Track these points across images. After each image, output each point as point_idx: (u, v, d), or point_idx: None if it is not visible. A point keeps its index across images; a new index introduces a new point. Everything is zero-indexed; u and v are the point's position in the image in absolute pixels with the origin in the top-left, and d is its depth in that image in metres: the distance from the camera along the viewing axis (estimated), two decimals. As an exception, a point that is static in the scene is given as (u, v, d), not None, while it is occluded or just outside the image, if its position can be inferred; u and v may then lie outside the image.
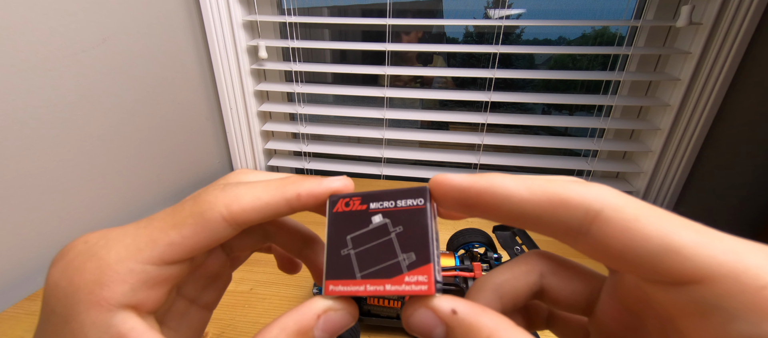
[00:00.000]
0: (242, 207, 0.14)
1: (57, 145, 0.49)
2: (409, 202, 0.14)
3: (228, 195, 0.14)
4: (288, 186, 0.15)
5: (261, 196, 0.14)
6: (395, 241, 0.14)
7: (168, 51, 0.67)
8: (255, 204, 0.14)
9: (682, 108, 0.68)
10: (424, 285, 0.13)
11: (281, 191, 0.14)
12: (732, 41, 0.60)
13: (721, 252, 0.09)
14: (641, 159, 0.77)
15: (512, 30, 0.81)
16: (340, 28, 0.92)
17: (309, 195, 0.15)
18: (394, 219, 0.14)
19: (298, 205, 0.15)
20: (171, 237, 0.13)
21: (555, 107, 0.90)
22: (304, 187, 0.15)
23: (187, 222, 0.14)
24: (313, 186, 0.15)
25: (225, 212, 0.14)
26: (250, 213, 0.14)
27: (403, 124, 0.91)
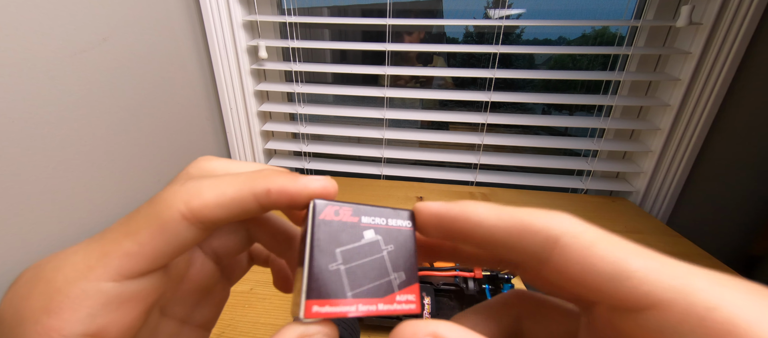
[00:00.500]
0: (204, 202, 0.12)
1: (57, 145, 0.49)
2: (398, 223, 0.14)
3: (187, 190, 0.12)
4: (257, 180, 0.13)
5: (226, 191, 0.12)
6: (387, 259, 0.13)
7: (168, 51, 0.67)
8: (219, 200, 0.12)
9: (682, 108, 0.68)
10: (412, 304, 0.13)
11: (249, 185, 0.12)
12: (732, 41, 0.60)
13: (669, 276, 0.09)
14: (641, 159, 0.77)
15: (512, 30, 0.81)
16: (340, 28, 0.92)
17: (280, 192, 0.13)
18: (386, 237, 0.14)
19: (268, 203, 0.13)
20: (125, 246, 0.12)
21: (555, 107, 0.90)
22: (276, 183, 0.13)
23: (142, 227, 0.12)
24: (287, 182, 0.13)
25: (184, 210, 0.12)
26: (214, 210, 0.12)
27: (403, 123, 0.91)
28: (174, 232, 0.12)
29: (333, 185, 0.14)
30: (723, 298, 0.08)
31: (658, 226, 0.65)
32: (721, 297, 0.08)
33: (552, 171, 0.86)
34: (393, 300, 0.13)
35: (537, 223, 0.11)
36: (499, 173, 0.84)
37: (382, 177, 0.87)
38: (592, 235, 0.10)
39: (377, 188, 0.78)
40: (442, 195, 0.75)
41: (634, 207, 0.74)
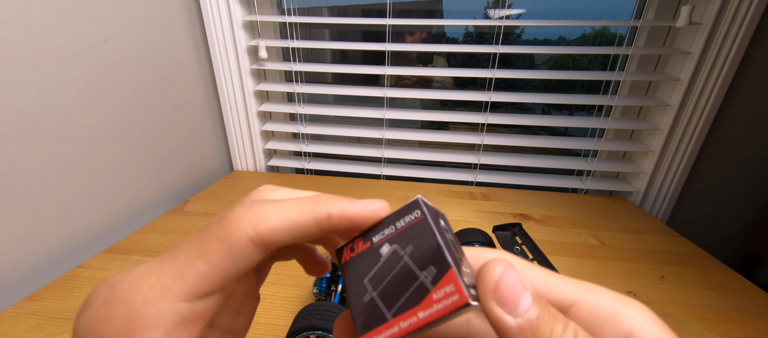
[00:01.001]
0: (270, 227, 0.13)
1: (57, 145, 0.49)
2: (408, 219, 0.14)
3: (254, 214, 0.13)
4: (319, 204, 0.13)
5: (290, 215, 0.13)
6: (410, 262, 0.13)
7: (168, 51, 0.67)
8: (284, 224, 0.13)
9: (682, 108, 0.68)
10: (454, 296, 0.11)
11: (312, 210, 0.13)
12: (732, 41, 0.60)
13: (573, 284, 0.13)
14: (641, 159, 0.77)
15: (512, 30, 0.81)
16: (340, 28, 0.92)
17: (341, 216, 0.13)
18: (401, 242, 0.13)
19: (328, 226, 0.13)
20: (199, 268, 0.12)
21: (555, 107, 0.90)
22: (336, 207, 0.13)
23: (213, 249, 0.12)
24: (346, 206, 0.13)
25: (252, 233, 0.12)
26: (278, 234, 0.13)
27: (403, 124, 0.91)
28: (242, 254, 0.13)
29: (386, 206, 0.14)
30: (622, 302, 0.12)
31: (658, 226, 0.65)
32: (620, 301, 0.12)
33: (552, 171, 0.86)
34: (431, 302, 0.12)
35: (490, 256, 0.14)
36: (499, 173, 0.84)
37: (382, 177, 0.87)
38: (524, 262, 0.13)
39: (377, 188, 0.78)
40: (443, 195, 0.75)
41: (634, 207, 0.74)
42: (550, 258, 0.38)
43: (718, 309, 0.45)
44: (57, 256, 0.50)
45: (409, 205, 0.14)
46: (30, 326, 0.39)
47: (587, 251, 0.56)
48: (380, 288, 0.13)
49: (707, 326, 0.42)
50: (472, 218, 0.65)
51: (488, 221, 0.64)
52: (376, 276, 0.13)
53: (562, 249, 0.56)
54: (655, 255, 0.56)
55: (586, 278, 0.49)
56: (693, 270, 0.52)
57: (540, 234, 0.61)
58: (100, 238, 0.56)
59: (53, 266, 0.49)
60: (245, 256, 0.13)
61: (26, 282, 0.46)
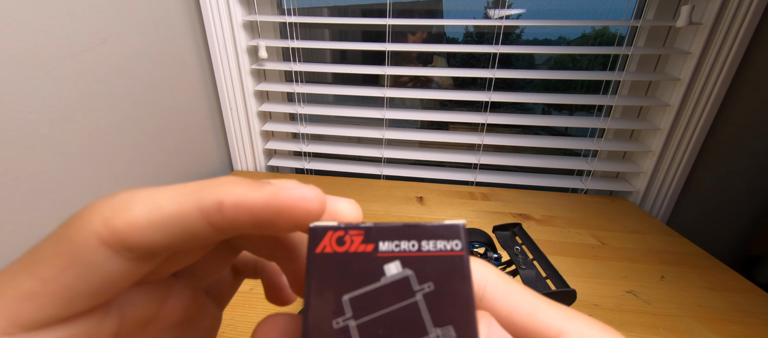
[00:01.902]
0: (131, 221, 0.09)
1: (57, 145, 0.49)
2: (439, 246, 0.10)
3: (111, 204, 0.09)
4: (207, 189, 0.09)
5: (163, 205, 0.09)
6: (423, 307, 0.09)
7: (168, 51, 0.67)
8: (152, 218, 0.09)
9: (682, 108, 0.68)
10: None
11: (195, 198, 0.09)
12: (732, 41, 0.60)
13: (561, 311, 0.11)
14: (641, 159, 0.77)
15: (512, 30, 0.81)
16: (340, 28, 0.92)
17: (238, 206, 0.09)
18: (420, 271, 0.09)
19: (223, 222, 0.09)
20: (23, 285, 0.08)
21: (555, 107, 0.90)
22: (232, 194, 0.09)
23: (47, 256, 0.09)
24: (247, 192, 0.09)
25: (103, 231, 0.09)
26: (145, 232, 0.09)
27: (403, 124, 0.91)
28: (90, 263, 0.09)
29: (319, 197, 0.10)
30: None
31: (658, 226, 0.65)
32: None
33: (552, 171, 0.86)
34: None
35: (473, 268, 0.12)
36: (499, 173, 0.84)
37: (382, 177, 0.87)
38: (508, 279, 0.12)
39: (377, 188, 0.78)
40: (443, 196, 0.75)
41: (634, 207, 0.74)
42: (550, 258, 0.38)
43: (718, 309, 0.45)
44: (57, 256, 0.49)
45: (447, 228, 0.10)
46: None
47: (587, 251, 0.56)
48: (364, 319, 0.09)
49: (707, 326, 0.42)
50: (472, 218, 0.65)
51: (488, 221, 0.64)
52: (364, 299, 0.09)
53: (562, 249, 0.56)
54: (655, 255, 0.56)
55: (586, 278, 0.49)
56: (693, 270, 0.52)
57: (540, 234, 0.61)
58: (100, 238, 0.56)
59: (53, 266, 0.49)
60: (96, 266, 0.09)
61: (26, 282, 0.46)
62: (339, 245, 0.10)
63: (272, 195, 0.09)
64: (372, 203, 0.70)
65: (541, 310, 0.11)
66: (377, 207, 0.69)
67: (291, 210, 0.10)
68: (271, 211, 0.09)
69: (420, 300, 0.09)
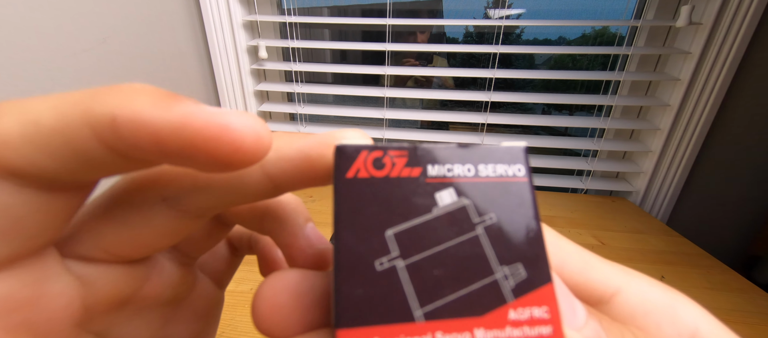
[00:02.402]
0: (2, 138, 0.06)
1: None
2: (501, 171, 0.08)
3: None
4: (99, 98, 0.07)
5: (42, 116, 0.07)
6: (485, 241, 0.08)
7: (168, 51, 0.67)
8: (28, 133, 0.07)
9: (682, 108, 0.68)
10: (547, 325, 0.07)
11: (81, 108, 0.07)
12: (732, 41, 0.60)
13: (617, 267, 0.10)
14: (641, 159, 0.77)
15: (512, 30, 0.81)
16: (340, 28, 0.92)
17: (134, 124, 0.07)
18: (480, 199, 0.08)
19: (118, 143, 0.07)
20: None
21: (555, 107, 0.90)
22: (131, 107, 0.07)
23: None
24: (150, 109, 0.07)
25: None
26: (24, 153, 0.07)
27: (403, 124, 0.91)
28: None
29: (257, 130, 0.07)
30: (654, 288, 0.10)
31: (658, 226, 0.65)
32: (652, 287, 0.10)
33: (552, 171, 0.86)
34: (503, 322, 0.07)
35: None
36: (499, 173, 0.84)
37: (382, 178, 0.87)
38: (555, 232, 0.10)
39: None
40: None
41: (634, 207, 0.74)
42: (550, 258, 0.38)
43: (718, 309, 0.45)
44: (57, 256, 0.50)
45: (507, 150, 0.08)
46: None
47: (587, 251, 0.56)
48: (414, 259, 0.07)
49: (707, 326, 0.42)
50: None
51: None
52: (413, 233, 0.08)
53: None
54: (655, 255, 0.56)
55: (586, 278, 0.49)
56: (693, 270, 0.52)
57: (540, 234, 0.61)
58: (100, 238, 0.56)
59: (53, 266, 0.49)
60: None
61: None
62: (376, 169, 0.08)
63: (184, 118, 0.07)
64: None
65: (593, 266, 0.10)
66: (377, 207, 0.69)
67: (209, 143, 0.07)
68: (181, 140, 0.07)
69: (481, 234, 0.08)
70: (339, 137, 0.09)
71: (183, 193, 0.09)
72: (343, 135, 0.09)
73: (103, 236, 0.09)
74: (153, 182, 0.09)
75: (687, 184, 0.72)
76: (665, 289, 0.10)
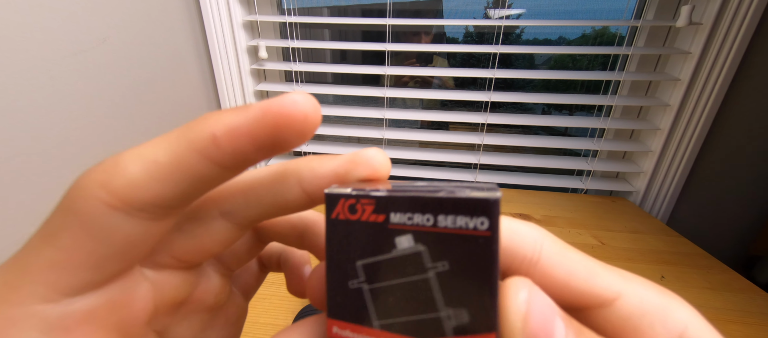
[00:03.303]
0: (129, 180, 0.09)
1: (56, 145, 0.49)
2: (463, 223, 0.09)
3: (102, 169, 0.09)
4: (194, 128, 0.09)
5: (158, 157, 0.09)
6: (435, 285, 0.09)
7: (168, 51, 0.67)
8: (151, 171, 0.09)
9: (682, 108, 0.68)
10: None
11: (186, 139, 0.09)
12: (732, 41, 0.60)
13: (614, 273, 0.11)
14: (641, 159, 0.77)
15: (512, 30, 0.81)
16: (340, 28, 0.92)
17: (231, 132, 0.09)
18: (435, 249, 0.09)
19: (222, 155, 0.09)
20: (46, 255, 0.09)
21: (555, 107, 0.90)
22: (223, 123, 0.09)
23: (60, 227, 0.09)
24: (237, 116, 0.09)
25: (105, 195, 0.09)
26: (149, 186, 0.09)
27: (403, 123, 0.91)
28: (103, 227, 0.09)
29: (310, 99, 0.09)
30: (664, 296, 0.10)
31: (658, 226, 0.65)
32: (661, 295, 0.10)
33: (552, 171, 0.86)
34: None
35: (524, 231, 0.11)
36: (499, 173, 0.84)
37: (382, 177, 0.87)
38: (561, 242, 0.11)
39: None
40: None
41: (634, 207, 0.74)
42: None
43: (718, 309, 0.45)
44: (57, 256, 0.49)
45: (472, 203, 0.09)
46: (30, 326, 0.39)
47: (587, 251, 0.56)
48: (376, 285, 0.09)
49: (707, 326, 0.42)
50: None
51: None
52: (375, 267, 0.09)
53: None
54: (655, 255, 0.56)
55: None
56: (693, 270, 0.52)
57: (540, 234, 0.61)
58: (100, 238, 0.56)
59: (53, 266, 0.49)
60: (112, 228, 0.09)
61: (26, 282, 0.46)
62: (351, 213, 0.10)
63: (262, 110, 0.09)
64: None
65: (597, 274, 0.10)
66: (377, 207, 0.69)
67: (287, 119, 0.09)
68: (267, 126, 0.09)
69: (432, 278, 0.09)
70: (364, 159, 0.11)
71: (237, 208, 0.12)
72: (366, 156, 0.11)
73: (174, 245, 0.11)
74: (214, 200, 0.12)
75: (687, 184, 0.72)
76: (661, 292, 0.10)
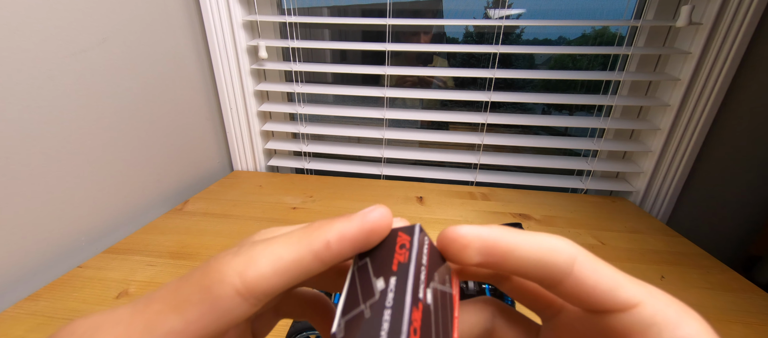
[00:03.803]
0: (260, 273, 0.11)
1: (56, 145, 0.49)
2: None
3: (241, 259, 0.11)
4: (313, 234, 0.12)
5: (283, 255, 0.11)
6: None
7: (168, 51, 0.67)
8: (276, 267, 0.11)
9: (682, 108, 0.68)
10: None
11: (306, 243, 0.11)
12: (732, 41, 0.60)
13: (639, 285, 0.12)
14: (641, 159, 0.77)
15: (512, 30, 0.81)
16: (340, 28, 0.92)
17: (341, 240, 0.12)
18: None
19: (330, 257, 0.12)
20: (171, 323, 0.11)
21: (555, 107, 0.90)
22: (334, 232, 0.12)
23: (191, 301, 0.11)
24: (344, 227, 0.12)
25: (238, 283, 0.11)
26: (271, 280, 0.11)
27: (403, 123, 0.91)
28: (226, 309, 0.11)
29: (389, 212, 0.13)
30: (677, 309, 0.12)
31: (658, 226, 0.65)
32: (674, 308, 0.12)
33: (552, 171, 0.86)
34: None
35: (562, 245, 0.12)
36: (499, 173, 0.84)
37: (382, 177, 0.87)
38: (593, 257, 0.13)
39: (377, 188, 0.78)
40: (443, 196, 0.75)
41: (634, 207, 0.74)
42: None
43: (718, 309, 0.45)
44: (57, 256, 0.50)
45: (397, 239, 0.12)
46: (30, 326, 0.39)
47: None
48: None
49: (707, 326, 0.42)
50: (472, 218, 0.65)
51: (488, 221, 0.64)
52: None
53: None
54: (655, 255, 0.56)
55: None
56: (693, 270, 0.52)
57: (540, 234, 0.61)
58: (100, 238, 0.56)
59: (53, 266, 0.49)
60: (230, 311, 0.11)
61: (26, 282, 0.46)
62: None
63: (362, 222, 0.12)
64: (372, 203, 0.70)
65: (622, 286, 0.12)
66: (377, 207, 0.69)
67: (378, 228, 0.12)
68: (364, 234, 0.12)
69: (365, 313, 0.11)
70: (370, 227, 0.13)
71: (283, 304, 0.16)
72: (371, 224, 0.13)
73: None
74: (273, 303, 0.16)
75: (687, 184, 0.72)
76: (680, 309, 0.11)
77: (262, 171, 0.88)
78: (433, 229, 0.61)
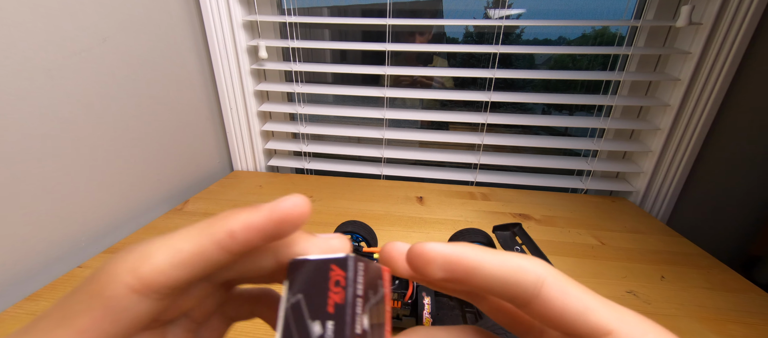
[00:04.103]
0: (155, 266, 0.10)
1: (56, 145, 0.49)
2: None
3: (133, 256, 0.11)
4: (215, 224, 0.11)
5: (181, 247, 0.11)
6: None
7: (168, 51, 0.67)
8: (175, 259, 0.11)
9: (682, 108, 0.68)
10: None
11: (208, 233, 0.11)
12: (732, 41, 0.60)
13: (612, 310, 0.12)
14: (641, 159, 0.77)
15: (512, 30, 0.81)
16: (340, 28, 0.92)
17: (247, 229, 0.11)
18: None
19: (237, 247, 0.11)
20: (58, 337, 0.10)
21: (555, 107, 0.90)
22: (238, 221, 0.11)
23: (78, 310, 0.10)
24: (250, 216, 0.11)
25: (132, 280, 0.10)
26: (169, 273, 0.10)
27: (403, 123, 0.91)
28: (123, 310, 0.10)
29: (305, 201, 0.12)
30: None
31: (658, 226, 0.65)
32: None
33: (552, 171, 0.86)
34: None
35: (529, 266, 0.12)
36: (499, 173, 0.84)
37: (382, 177, 0.87)
38: (563, 279, 0.12)
39: (377, 188, 0.78)
40: (443, 196, 0.75)
41: (634, 207, 0.74)
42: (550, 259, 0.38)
43: (718, 309, 0.45)
44: (57, 256, 0.50)
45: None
46: (30, 326, 0.39)
47: (587, 251, 0.56)
48: None
49: (707, 326, 0.42)
50: (472, 218, 0.65)
51: (488, 221, 0.64)
52: None
53: (562, 249, 0.56)
54: (655, 255, 0.56)
55: (586, 278, 0.49)
56: (693, 270, 0.52)
57: (540, 234, 0.61)
58: (100, 238, 0.56)
59: (53, 266, 0.49)
60: (127, 310, 0.10)
61: (26, 282, 0.46)
62: None
63: (271, 210, 0.12)
64: (372, 203, 0.70)
65: (592, 310, 0.11)
66: (377, 207, 0.69)
67: (289, 217, 0.12)
68: (274, 223, 0.12)
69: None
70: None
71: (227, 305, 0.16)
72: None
73: None
74: None
75: (687, 184, 0.72)
76: (657, 331, 0.11)
77: (262, 172, 0.88)
78: (433, 229, 0.61)
